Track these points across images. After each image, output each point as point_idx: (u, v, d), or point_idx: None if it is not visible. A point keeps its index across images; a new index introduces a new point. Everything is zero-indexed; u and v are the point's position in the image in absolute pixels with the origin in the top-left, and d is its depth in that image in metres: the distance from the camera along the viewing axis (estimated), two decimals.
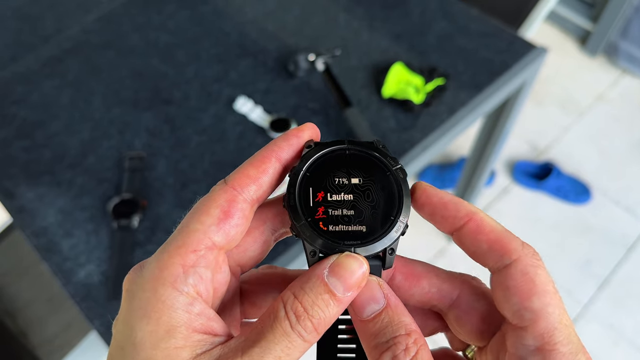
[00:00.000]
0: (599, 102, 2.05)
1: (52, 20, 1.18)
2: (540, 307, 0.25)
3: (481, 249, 0.27)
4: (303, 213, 0.27)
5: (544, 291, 0.25)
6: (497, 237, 0.26)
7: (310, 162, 0.28)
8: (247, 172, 0.27)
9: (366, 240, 0.27)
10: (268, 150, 0.28)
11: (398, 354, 0.24)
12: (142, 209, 0.89)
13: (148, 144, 0.97)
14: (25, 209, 0.91)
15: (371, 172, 0.29)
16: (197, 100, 1.03)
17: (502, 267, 0.26)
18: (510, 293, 0.25)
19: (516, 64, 1.05)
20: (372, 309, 0.26)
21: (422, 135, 0.97)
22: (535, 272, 0.25)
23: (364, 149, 0.29)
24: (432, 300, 0.29)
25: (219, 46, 1.11)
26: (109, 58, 1.11)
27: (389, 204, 0.28)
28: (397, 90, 1.00)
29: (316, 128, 0.29)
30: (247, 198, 0.27)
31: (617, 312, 1.61)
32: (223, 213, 0.26)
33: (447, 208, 0.27)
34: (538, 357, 0.24)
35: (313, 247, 0.27)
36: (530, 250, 0.26)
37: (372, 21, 1.14)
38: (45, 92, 1.05)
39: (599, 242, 1.73)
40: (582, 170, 1.88)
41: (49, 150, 0.97)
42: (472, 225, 0.27)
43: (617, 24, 2.02)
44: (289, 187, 0.28)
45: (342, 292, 0.25)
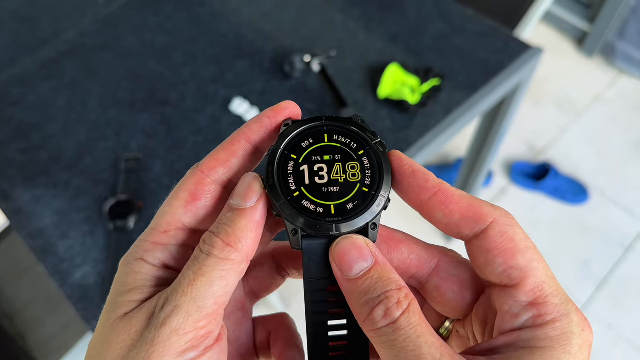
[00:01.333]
0: (596, 103, 2.06)
1: (49, 22, 1.18)
2: (526, 263, 0.25)
3: (454, 219, 0.27)
4: (282, 192, 0.27)
5: (525, 247, 0.26)
6: (468, 204, 0.27)
7: (288, 140, 0.28)
8: (217, 156, 0.28)
9: (348, 216, 0.27)
10: (238, 133, 0.28)
11: (390, 307, 0.24)
12: (138, 210, 0.89)
13: (144, 145, 0.98)
14: (21, 211, 0.91)
15: (350, 147, 0.28)
16: (193, 101, 1.03)
17: (478, 233, 0.26)
18: (493, 255, 0.26)
19: (512, 64, 1.06)
20: (360, 267, 0.26)
21: (418, 135, 0.97)
22: (513, 230, 0.26)
23: (342, 125, 0.29)
24: (411, 268, 0.29)
25: (215, 47, 1.12)
26: (106, 60, 1.11)
27: (370, 178, 0.28)
28: (392, 91, 1.00)
29: (294, 106, 0.29)
30: (217, 180, 0.27)
31: (616, 312, 1.61)
32: (190, 195, 0.27)
33: (416, 177, 0.27)
34: (532, 311, 0.25)
35: (294, 226, 0.27)
36: (503, 211, 0.27)
37: (368, 22, 1.14)
38: (42, 94, 1.05)
39: (597, 242, 1.74)
40: (580, 170, 1.88)
41: (45, 151, 0.97)
42: (441, 196, 0.27)
43: (614, 24, 2.02)
44: (267, 167, 0.28)
45: (242, 203, 0.26)
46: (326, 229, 0.27)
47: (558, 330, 0.24)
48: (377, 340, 0.25)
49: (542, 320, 0.25)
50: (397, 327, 0.24)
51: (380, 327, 0.24)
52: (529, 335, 0.24)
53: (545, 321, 0.25)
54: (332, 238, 0.27)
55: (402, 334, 0.24)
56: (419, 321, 0.24)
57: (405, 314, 0.24)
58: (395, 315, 0.24)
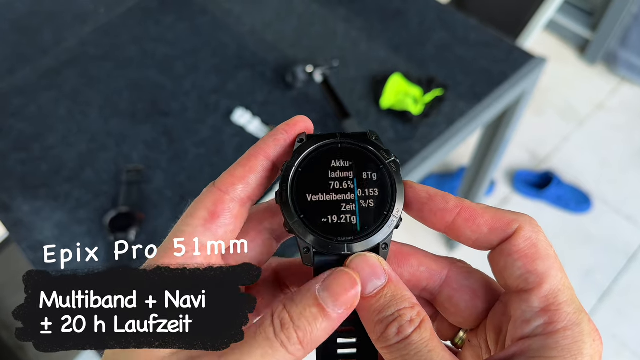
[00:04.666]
0: (599, 111, 2.05)
1: (50, 32, 1.18)
2: (544, 269, 0.26)
3: (483, 233, 0.27)
4: (296, 210, 0.27)
5: (547, 255, 0.26)
6: (493, 215, 0.27)
7: (302, 157, 0.28)
8: (235, 173, 0.28)
9: (360, 236, 0.27)
10: (256, 149, 0.28)
11: (404, 324, 0.25)
12: (139, 223, 0.88)
13: (146, 157, 0.97)
14: (21, 223, 0.90)
15: (364, 165, 0.29)
16: (195, 112, 1.03)
17: (504, 239, 0.27)
18: (514, 259, 0.26)
19: (515, 74, 1.05)
20: (374, 285, 0.26)
21: (421, 146, 0.96)
22: (537, 237, 0.26)
23: (357, 142, 0.29)
24: (422, 280, 0.29)
25: (217, 57, 1.11)
26: (107, 70, 1.10)
27: (382, 198, 0.28)
28: (395, 102, 1.00)
29: (307, 120, 0.29)
30: (235, 197, 0.27)
31: (620, 322, 1.60)
32: (210, 214, 0.27)
33: (435, 201, 0.28)
34: (544, 317, 0.25)
35: (306, 244, 0.27)
36: (527, 218, 0.27)
37: (370, 32, 1.14)
38: (42, 105, 1.05)
39: (600, 251, 1.72)
40: (583, 179, 1.87)
41: (45, 163, 0.97)
42: (465, 214, 0.27)
43: (616, 32, 2.02)
44: (281, 184, 0.28)
45: (332, 308, 0.25)
46: (338, 249, 0.27)
47: (569, 339, 0.24)
48: (389, 357, 0.25)
49: (553, 328, 0.25)
50: (409, 342, 0.24)
51: (392, 343, 0.25)
52: (540, 344, 0.24)
53: (557, 329, 0.25)
54: (344, 257, 0.27)
55: (413, 348, 0.24)
56: (431, 337, 0.25)
57: (417, 330, 0.25)
58: (408, 331, 0.25)
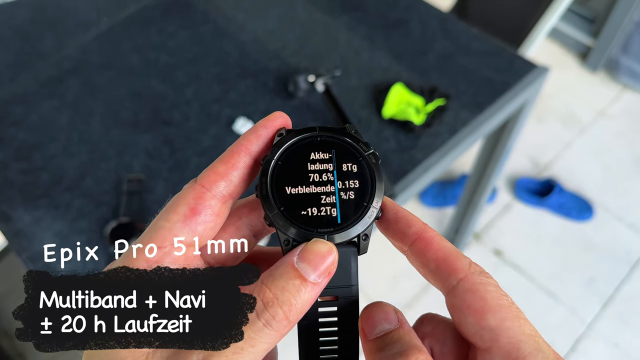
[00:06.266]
0: (601, 118, 2.05)
1: (52, 39, 1.18)
2: (497, 323, 0.24)
3: (429, 268, 0.26)
4: (275, 202, 0.27)
5: (498, 306, 0.24)
6: (444, 255, 0.26)
7: (282, 150, 0.28)
8: (216, 169, 0.27)
9: (340, 227, 0.27)
10: (237, 145, 0.28)
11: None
12: (140, 233, 0.88)
13: (147, 166, 0.97)
14: (21, 233, 0.90)
15: (343, 157, 0.29)
16: (197, 121, 1.02)
17: (450, 288, 0.25)
18: (464, 314, 0.25)
19: (517, 84, 1.05)
20: (383, 328, 0.26)
21: (423, 155, 0.96)
22: (485, 289, 0.25)
23: (336, 135, 0.30)
24: None
25: (219, 66, 1.11)
26: (108, 78, 1.10)
27: (362, 189, 0.28)
28: (397, 111, 0.99)
29: (285, 116, 0.29)
30: (217, 194, 0.27)
31: (623, 330, 1.59)
32: (190, 210, 0.26)
33: (399, 223, 0.27)
34: None
35: (286, 236, 0.27)
36: (478, 269, 0.26)
37: (372, 41, 1.14)
38: (43, 113, 1.05)
39: (603, 259, 1.72)
40: (585, 186, 1.87)
41: (46, 172, 0.96)
42: (421, 243, 0.27)
43: (617, 39, 2.02)
44: (261, 177, 0.28)
45: (313, 277, 0.24)
46: None
47: None
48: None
49: None
50: None
51: None
52: None
53: None
54: None
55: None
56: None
57: None
58: None
